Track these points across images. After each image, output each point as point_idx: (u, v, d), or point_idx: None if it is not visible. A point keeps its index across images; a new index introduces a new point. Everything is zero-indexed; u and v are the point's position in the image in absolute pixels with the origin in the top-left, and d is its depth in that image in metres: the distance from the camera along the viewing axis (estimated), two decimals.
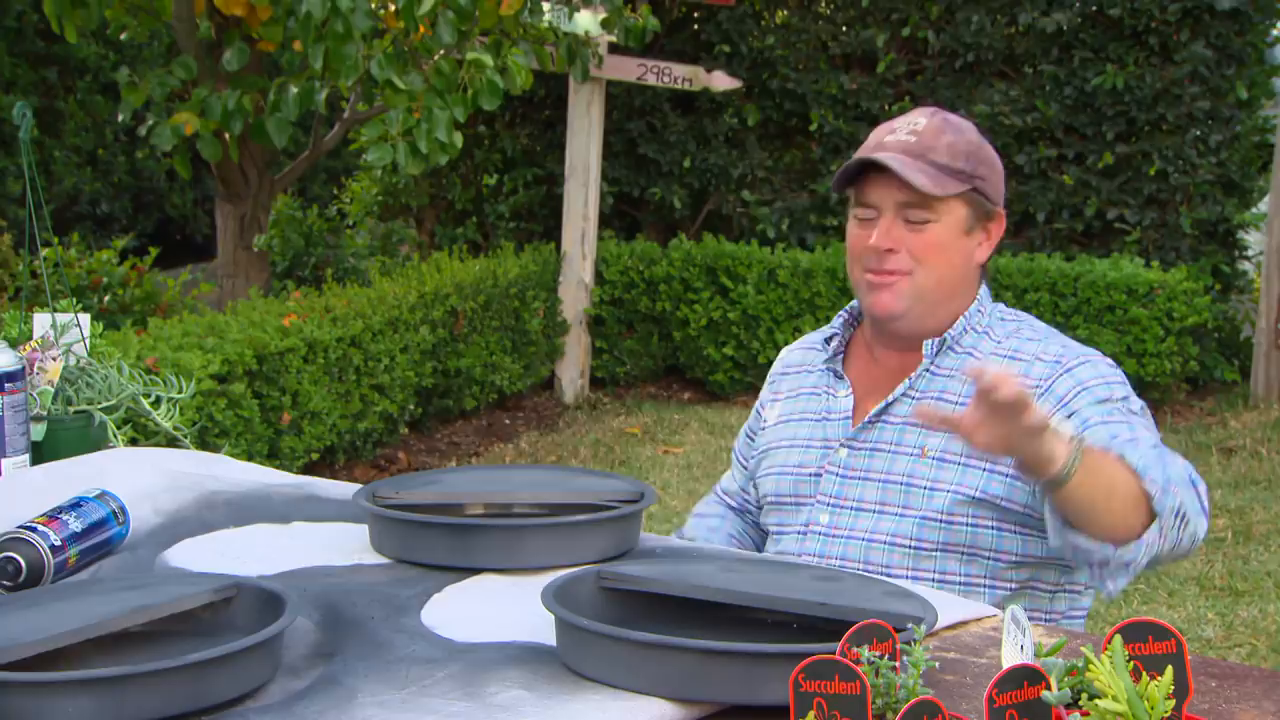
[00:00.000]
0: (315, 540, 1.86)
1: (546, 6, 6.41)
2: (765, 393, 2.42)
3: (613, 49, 7.25)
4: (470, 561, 1.73)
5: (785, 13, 8.26)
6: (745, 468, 2.43)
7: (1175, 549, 1.93)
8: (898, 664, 1.25)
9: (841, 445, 2.20)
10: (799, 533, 2.19)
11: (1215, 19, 7.43)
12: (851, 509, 2.15)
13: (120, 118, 6.16)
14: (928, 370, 2.17)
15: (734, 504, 2.45)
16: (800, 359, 2.37)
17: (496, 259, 7.33)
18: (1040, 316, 6.91)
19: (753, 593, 1.53)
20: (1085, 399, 2.06)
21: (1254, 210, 7.91)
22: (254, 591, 1.53)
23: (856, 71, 8.07)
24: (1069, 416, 2.03)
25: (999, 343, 2.17)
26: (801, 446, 2.26)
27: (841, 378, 2.26)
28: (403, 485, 1.92)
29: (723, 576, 1.59)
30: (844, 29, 8.10)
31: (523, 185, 8.42)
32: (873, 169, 2.15)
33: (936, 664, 1.33)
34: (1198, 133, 7.51)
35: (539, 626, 1.49)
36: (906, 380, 2.18)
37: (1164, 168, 7.52)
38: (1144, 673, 1.15)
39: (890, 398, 2.18)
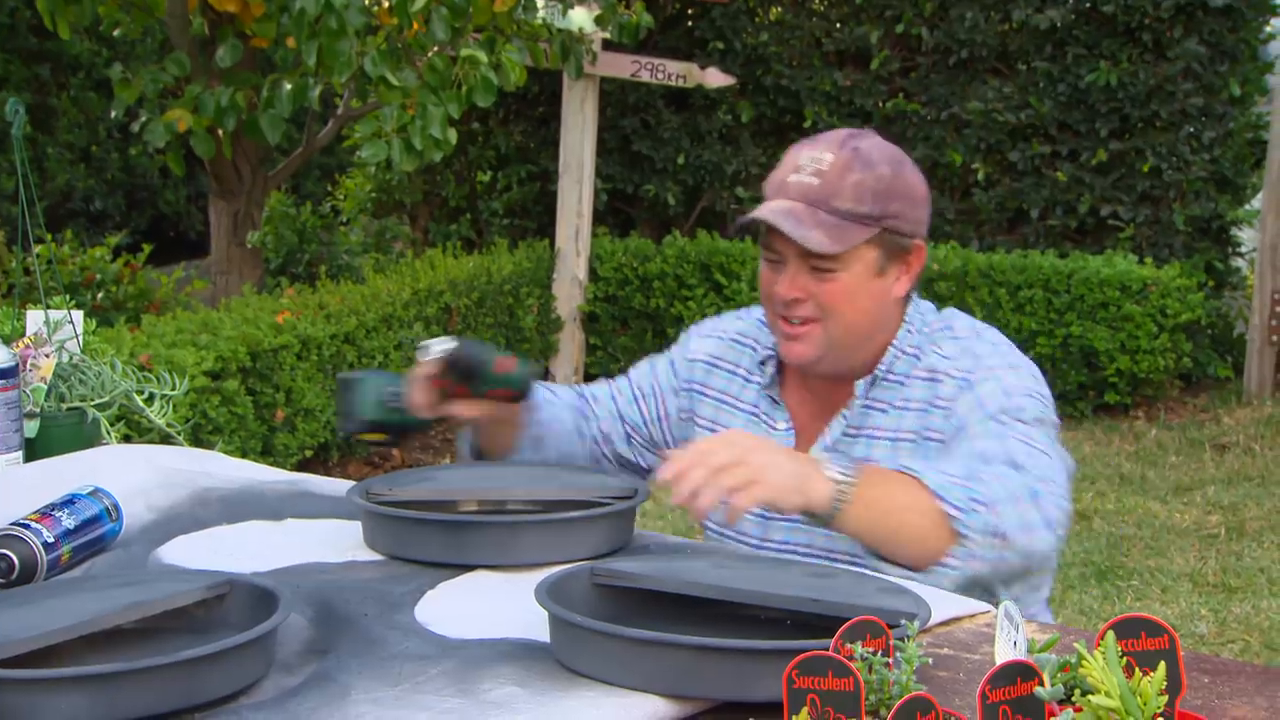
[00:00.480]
0: (309, 537, 1.86)
1: (540, 3, 6.41)
2: (685, 368, 2.27)
3: (607, 46, 7.25)
4: (464, 558, 1.73)
5: (779, 9, 8.26)
6: (634, 397, 2.31)
7: (1000, 567, 1.83)
8: (891, 660, 1.25)
9: None
10: None
11: (1208, 15, 7.44)
12: (802, 555, 2.06)
13: (113, 114, 6.15)
14: (864, 406, 2.10)
15: (582, 408, 2.32)
16: (733, 358, 2.25)
17: (490, 256, 7.33)
18: (1034, 313, 7.02)
19: (746, 589, 1.52)
20: (977, 416, 1.98)
21: (1247, 207, 7.92)
22: (247, 588, 1.53)
23: (850, 68, 8.07)
24: (958, 436, 1.97)
25: (921, 361, 2.08)
26: None
27: (779, 404, 2.18)
28: (396, 482, 1.92)
29: (716, 573, 1.59)
30: (838, 25, 8.10)
31: (517, 182, 8.42)
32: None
33: (930, 660, 1.33)
34: (1191, 129, 7.52)
35: (533, 623, 1.49)
36: (843, 418, 2.10)
37: (1157, 164, 7.53)
38: (1137, 669, 1.15)
39: (828, 439, 2.11)
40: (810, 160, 2.04)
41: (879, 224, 2.02)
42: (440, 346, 2.04)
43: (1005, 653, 1.23)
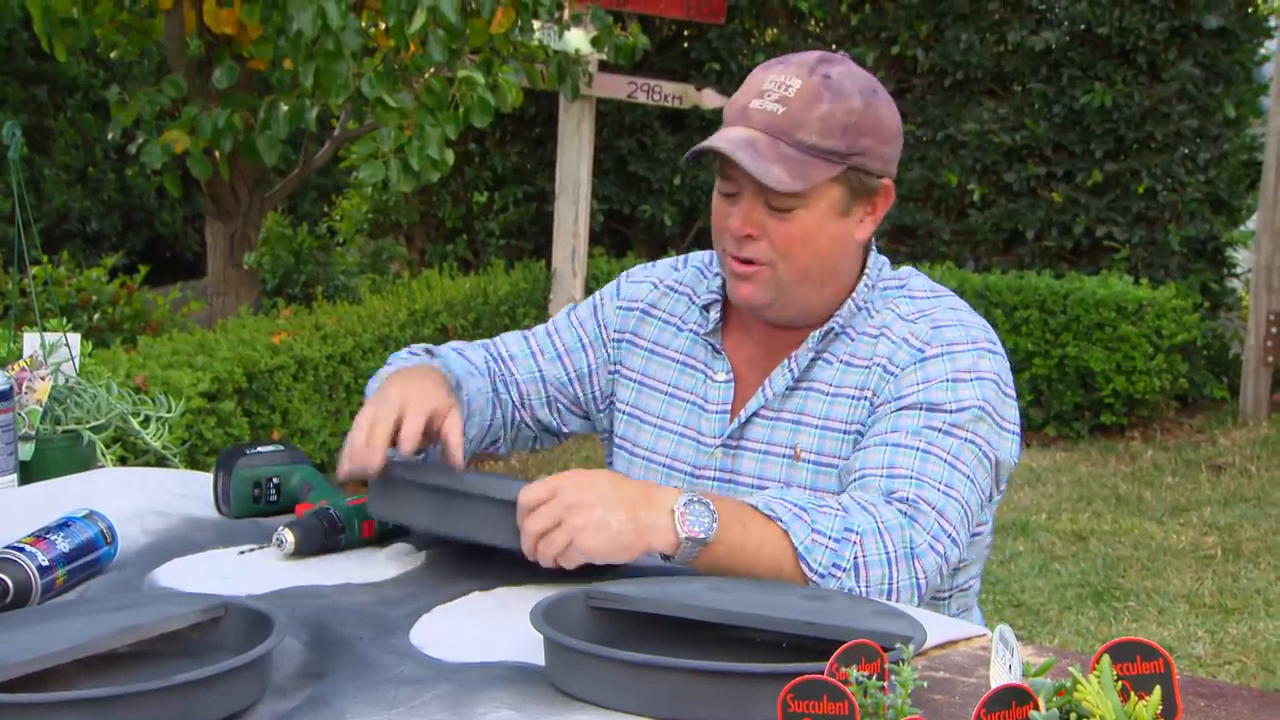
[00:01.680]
0: (304, 560, 1.86)
1: (537, 25, 6.43)
2: (616, 317, 2.12)
3: (603, 67, 7.27)
4: (451, 530, 1.75)
5: (775, 31, 8.29)
6: (557, 354, 2.14)
7: None
8: (886, 684, 1.25)
9: (720, 446, 2.00)
10: None
11: (1203, 38, 7.47)
12: None
13: (110, 136, 6.16)
14: (816, 359, 1.96)
15: (498, 371, 2.14)
16: (667, 306, 2.10)
17: (487, 276, 7.34)
18: (1030, 334, 7.02)
19: (741, 612, 1.52)
20: (914, 398, 1.86)
21: (1242, 228, 7.94)
22: (242, 612, 1.53)
23: None
24: (887, 413, 1.87)
25: (871, 317, 1.95)
26: (674, 434, 2.05)
27: (720, 354, 2.03)
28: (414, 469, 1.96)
29: (712, 596, 1.58)
30: (833, 47, 8.13)
31: (513, 203, 8.43)
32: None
33: (925, 683, 1.33)
34: (1186, 151, 7.54)
35: (527, 646, 1.49)
36: (788, 371, 1.96)
37: (1152, 186, 7.55)
38: (1132, 693, 1.15)
39: (769, 392, 1.97)
40: (775, 85, 1.86)
41: (845, 161, 1.86)
42: (290, 538, 1.86)
43: (1000, 676, 1.23)
